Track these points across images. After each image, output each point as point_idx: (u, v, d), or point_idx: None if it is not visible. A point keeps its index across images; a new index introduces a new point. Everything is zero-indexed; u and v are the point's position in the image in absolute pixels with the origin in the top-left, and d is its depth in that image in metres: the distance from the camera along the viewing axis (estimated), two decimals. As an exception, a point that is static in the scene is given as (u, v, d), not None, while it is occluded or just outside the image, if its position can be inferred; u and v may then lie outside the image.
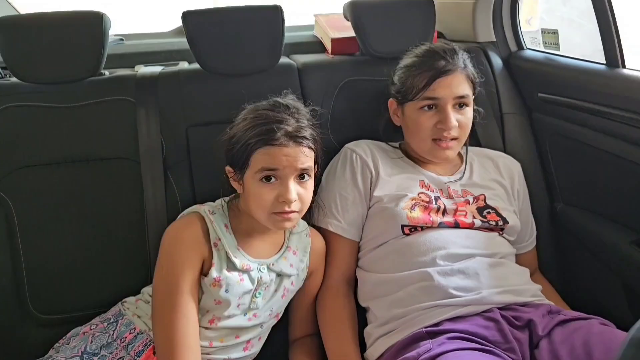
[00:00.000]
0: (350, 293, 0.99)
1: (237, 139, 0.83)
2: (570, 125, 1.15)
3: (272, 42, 1.09)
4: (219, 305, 0.84)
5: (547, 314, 0.88)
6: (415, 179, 1.00)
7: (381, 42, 1.17)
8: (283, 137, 0.80)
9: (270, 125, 0.80)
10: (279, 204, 0.81)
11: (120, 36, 1.38)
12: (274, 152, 0.80)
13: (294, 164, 0.81)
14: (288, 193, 0.80)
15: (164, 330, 0.79)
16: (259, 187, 0.81)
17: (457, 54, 0.98)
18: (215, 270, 0.82)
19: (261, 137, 0.80)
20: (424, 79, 0.96)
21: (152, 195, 1.03)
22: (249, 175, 0.82)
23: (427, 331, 0.83)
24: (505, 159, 1.11)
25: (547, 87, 1.19)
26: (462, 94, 0.96)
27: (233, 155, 0.83)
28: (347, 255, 1.00)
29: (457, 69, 0.97)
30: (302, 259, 0.93)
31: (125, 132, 1.05)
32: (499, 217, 0.98)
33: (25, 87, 1.05)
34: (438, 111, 0.97)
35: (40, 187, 1.02)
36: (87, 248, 1.02)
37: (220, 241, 0.84)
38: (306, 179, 0.84)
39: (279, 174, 0.81)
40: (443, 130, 0.96)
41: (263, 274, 0.87)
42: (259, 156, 0.80)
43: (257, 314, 0.88)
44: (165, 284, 0.81)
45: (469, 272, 0.89)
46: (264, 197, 0.81)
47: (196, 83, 1.11)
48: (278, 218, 0.82)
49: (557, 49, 1.23)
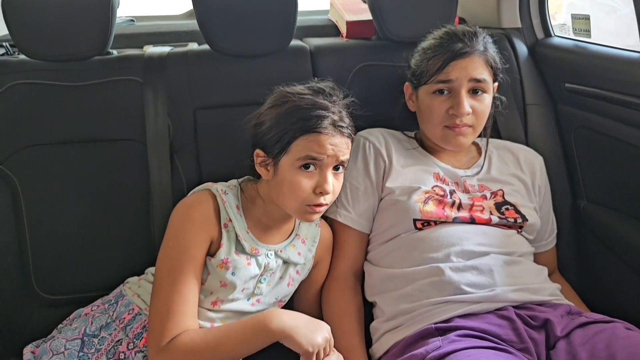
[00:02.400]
0: (358, 286, 0.96)
1: (275, 123, 0.79)
2: (599, 118, 1.09)
3: (284, 23, 1.06)
4: (224, 288, 0.83)
5: (567, 315, 0.84)
6: (430, 171, 0.96)
7: (399, 25, 1.12)
8: (330, 125, 0.78)
9: (318, 111, 0.78)
10: (314, 196, 0.79)
11: (131, 17, 1.37)
12: (321, 140, 0.77)
13: (337, 155, 0.79)
14: (326, 184, 0.78)
15: (159, 303, 0.78)
16: (296, 174, 0.78)
17: (477, 37, 0.93)
18: (224, 251, 0.81)
19: (308, 122, 0.77)
20: (439, 61, 0.92)
21: (157, 177, 1.01)
22: (286, 161, 0.79)
23: (436, 327, 0.80)
24: (526, 153, 1.06)
25: (575, 77, 1.13)
26: (477, 77, 0.91)
27: (269, 139, 0.80)
28: (356, 247, 0.97)
29: (474, 51, 0.92)
30: (310, 248, 0.91)
31: (132, 114, 1.04)
32: (518, 214, 0.93)
33: (33, 64, 1.04)
34: (451, 95, 0.92)
35: (46, 167, 1.01)
36: (92, 229, 1.02)
37: (231, 222, 0.82)
38: (340, 171, 0.82)
39: (320, 163, 0.78)
40: (455, 117, 0.91)
41: (270, 259, 0.85)
42: (303, 142, 0.77)
43: (260, 299, 0.87)
44: (168, 260, 0.80)
45: (482, 268, 0.86)
46: (302, 185, 0.78)
47: (205, 64, 1.09)
48: (309, 210, 0.80)
49: (589, 36, 1.16)
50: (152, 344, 0.77)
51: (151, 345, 0.77)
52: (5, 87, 1.01)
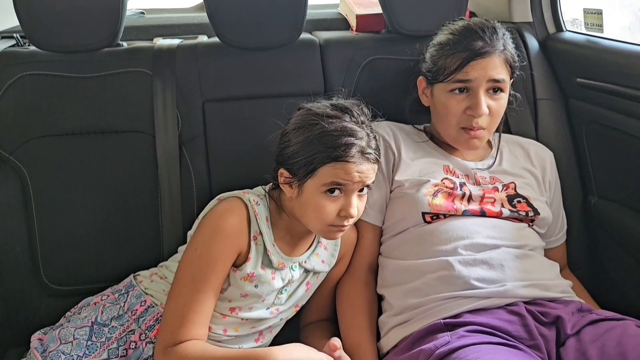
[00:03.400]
0: (371, 281, 0.95)
1: (302, 147, 0.77)
2: (611, 114, 1.07)
3: (294, 15, 1.05)
4: (244, 299, 0.82)
5: (577, 312, 0.83)
6: (440, 163, 0.95)
7: (409, 19, 1.11)
8: (358, 153, 0.77)
9: (346, 139, 0.76)
10: (339, 219, 0.79)
11: (141, 10, 1.37)
12: (348, 168, 0.76)
13: (364, 180, 0.78)
14: (352, 208, 0.78)
15: (177, 307, 0.78)
16: (322, 199, 0.78)
17: (497, 34, 0.91)
18: (250, 265, 0.81)
19: (335, 150, 0.76)
20: (457, 60, 0.89)
21: (166, 170, 1.01)
22: (311, 185, 0.78)
23: (445, 322, 0.79)
24: (537, 147, 1.05)
25: (587, 72, 1.12)
26: (497, 77, 0.89)
27: (295, 163, 0.78)
28: (369, 240, 0.96)
29: (495, 51, 0.90)
30: (333, 253, 0.91)
31: (141, 105, 1.03)
32: (530, 208, 0.92)
33: (43, 55, 1.04)
34: (469, 95, 0.90)
35: (55, 158, 1.02)
36: (100, 220, 1.02)
37: (261, 236, 0.82)
38: (365, 192, 0.82)
39: (346, 189, 0.78)
40: (472, 118, 0.90)
41: (294, 272, 0.85)
42: (329, 170, 0.76)
43: (279, 308, 0.87)
44: (193, 267, 0.80)
45: (492, 262, 0.85)
46: (327, 209, 0.78)
47: (214, 56, 1.09)
48: (333, 229, 0.80)
49: (601, 31, 1.15)
50: (160, 344, 0.78)
51: (159, 344, 0.78)
52: (15, 78, 1.02)
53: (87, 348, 0.83)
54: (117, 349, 0.83)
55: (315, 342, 0.90)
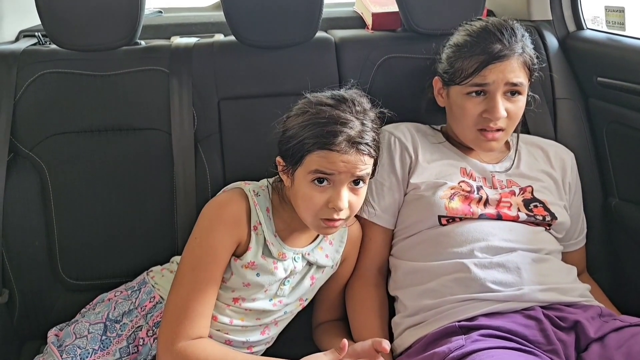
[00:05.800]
0: (381, 282, 0.95)
1: (294, 134, 0.77)
2: (632, 113, 1.05)
3: (310, 14, 1.05)
4: (247, 288, 0.82)
5: (598, 317, 0.82)
6: (457, 165, 0.94)
7: (425, 17, 1.10)
8: (344, 142, 0.74)
9: (333, 126, 0.74)
10: (327, 210, 0.76)
11: (159, 9, 1.38)
12: (332, 157, 0.74)
13: (352, 171, 0.75)
14: (339, 200, 0.75)
15: (179, 299, 0.78)
16: (309, 188, 0.76)
17: (515, 36, 0.89)
18: (251, 255, 0.81)
19: (320, 138, 0.74)
20: (475, 63, 0.87)
21: (181, 167, 1.02)
22: (300, 174, 0.77)
23: (460, 325, 0.78)
24: (557, 149, 1.03)
25: (608, 71, 1.09)
26: (515, 81, 0.88)
27: (287, 149, 0.78)
28: (380, 243, 0.95)
29: (513, 54, 0.87)
30: (337, 249, 0.90)
31: (157, 103, 1.05)
32: (547, 212, 0.91)
33: (63, 54, 1.06)
34: (486, 98, 0.89)
35: (74, 154, 1.03)
36: (117, 216, 1.03)
37: (261, 226, 0.82)
38: (360, 186, 0.78)
39: (333, 179, 0.76)
40: (489, 121, 0.88)
41: (297, 263, 0.85)
42: (314, 158, 0.75)
43: (282, 300, 0.86)
44: (193, 257, 0.80)
45: (509, 266, 0.83)
46: (314, 200, 0.76)
47: (230, 55, 1.09)
48: (323, 224, 0.78)
49: (623, 29, 1.12)
50: (163, 339, 0.77)
51: (162, 339, 0.77)
52: (36, 76, 1.03)
53: (101, 342, 0.85)
54: (128, 347, 0.84)
55: (328, 340, 0.91)
